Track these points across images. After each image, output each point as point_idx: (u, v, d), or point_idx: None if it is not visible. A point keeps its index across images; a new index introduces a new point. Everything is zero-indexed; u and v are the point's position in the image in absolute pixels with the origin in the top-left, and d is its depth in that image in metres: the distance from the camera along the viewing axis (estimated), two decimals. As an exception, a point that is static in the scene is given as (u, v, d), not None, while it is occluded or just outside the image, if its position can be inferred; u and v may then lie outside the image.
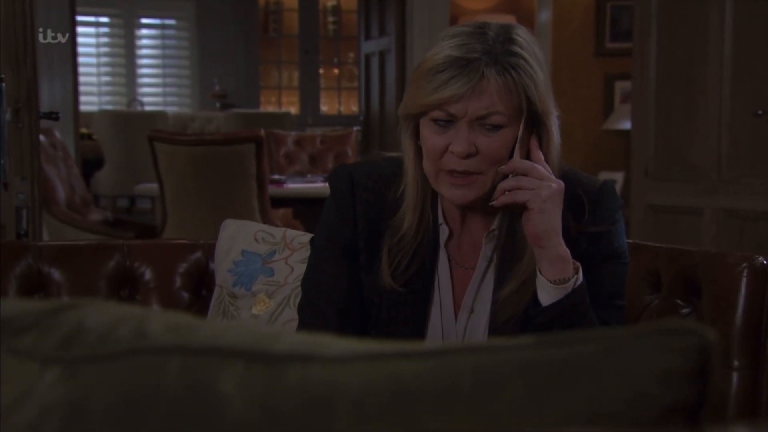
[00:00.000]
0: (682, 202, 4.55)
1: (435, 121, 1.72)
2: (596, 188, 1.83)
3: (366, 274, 1.85)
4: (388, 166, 1.86)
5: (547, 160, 1.74)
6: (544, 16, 8.48)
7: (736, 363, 2.03)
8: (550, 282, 1.71)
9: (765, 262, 2.04)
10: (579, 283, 1.72)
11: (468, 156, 1.70)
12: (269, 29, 13.32)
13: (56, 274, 2.30)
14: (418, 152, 1.77)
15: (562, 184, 1.71)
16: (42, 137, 5.67)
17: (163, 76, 13.02)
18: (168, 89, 13.04)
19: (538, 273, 1.73)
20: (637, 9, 4.73)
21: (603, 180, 1.86)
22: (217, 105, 12.54)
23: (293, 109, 12.89)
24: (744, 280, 2.03)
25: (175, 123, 11.31)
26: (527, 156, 1.74)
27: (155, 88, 12.96)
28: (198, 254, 2.40)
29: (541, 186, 1.69)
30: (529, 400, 0.58)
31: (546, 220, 1.69)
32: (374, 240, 1.84)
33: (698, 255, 2.14)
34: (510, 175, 1.72)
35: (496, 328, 1.81)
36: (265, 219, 5.08)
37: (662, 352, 0.57)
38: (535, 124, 1.73)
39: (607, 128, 8.33)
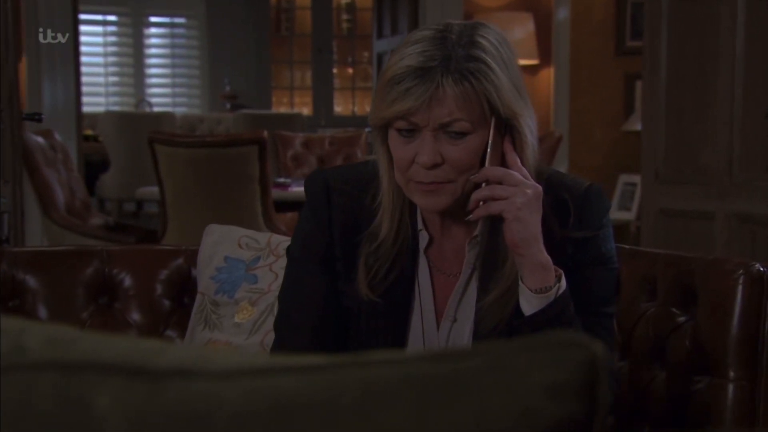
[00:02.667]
0: (693, 207, 4.52)
1: (399, 131, 1.71)
2: (582, 191, 1.81)
3: (344, 283, 1.84)
4: (365, 170, 1.86)
5: (521, 164, 1.73)
6: (562, 14, 8.45)
7: (731, 373, 2.01)
8: (532, 291, 1.70)
9: (762, 269, 2.02)
10: (561, 291, 1.71)
11: (434, 166, 1.69)
12: (281, 28, 13.34)
13: (32, 281, 2.30)
14: (391, 160, 1.77)
15: (538, 188, 1.70)
16: (41, 139, 5.69)
17: (173, 76, 13.05)
18: (177, 90, 13.08)
19: (519, 282, 1.72)
20: (647, 7, 4.71)
21: (589, 183, 1.85)
22: (228, 106, 12.56)
23: (306, 110, 12.89)
24: (740, 287, 2.01)
25: (183, 124, 11.33)
26: (502, 160, 1.73)
27: (164, 89, 12.99)
28: (180, 260, 2.40)
29: (515, 193, 1.68)
30: (416, 415, 0.57)
31: (523, 228, 1.68)
32: (351, 248, 1.83)
33: (695, 261, 2.12)
34: (483, 184, 1.71)
35: (480, 337, 1.80)
36: (269, 223, 5.07)
37: (550, 365, 0.56)
38: (506, 127, 1.72)
39: (628, 129, 8.28)
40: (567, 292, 1.72)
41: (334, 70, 13.43)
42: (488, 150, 1.70)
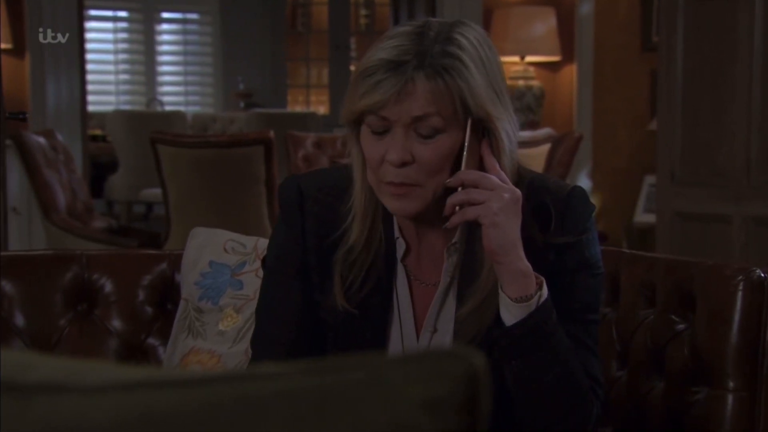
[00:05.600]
0: (709, 209, 4.49)
1: (371, 129, 1.70)
2: (565, 195, 1.79)
3: (319, 294, 1.83)
4: (340, 176, 1.84)
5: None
6: (586, 8, 8.41)
7: (731, 384, 1.99)
8: (512, 300, 1.68)
9: (762, 274, 2.01)
10: (543, 300, 1.69)
11: (403, 164, 1.68)
12: (297, 24, 13.36)
13: (8, 286, 2.30)
14: (365, 160, 1.76)
15: (517, 192, 1.68)
16: (42, 140, 5.71)
17: (185, 74, 13.08)
18: (190, 88, 13.11)
19: (499, 290, 1.70)
20: (663, 4, 4.69)
21: (573, 185, 1.83)
22: (242, 105, 12.57)
23: (322, 109, 12.89)
24: (740, 294, 2.00)
25: (195, 124, 11.34)
26: (480, 165, 1.71)
27: (176, 87, 13.02)
28: (163, 265, 2.39)
29: (492, 197, 1.66)
30: (288, 430, 0.57)
31: (501, 234, 1.66)
32: (326, 257, 1.82)
33: (694, 266, 2.11)
34: (460, 189, 1.69)
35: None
36: (275, 226, 5.06)
37: (428, 379, 0.56)
38: (484, 131, 1.71)
39: (654, 129, 8.22)
40: (549, 301, 1.70)
41: (352, 68, 13.42)
42: (465, 153, 1.68)
